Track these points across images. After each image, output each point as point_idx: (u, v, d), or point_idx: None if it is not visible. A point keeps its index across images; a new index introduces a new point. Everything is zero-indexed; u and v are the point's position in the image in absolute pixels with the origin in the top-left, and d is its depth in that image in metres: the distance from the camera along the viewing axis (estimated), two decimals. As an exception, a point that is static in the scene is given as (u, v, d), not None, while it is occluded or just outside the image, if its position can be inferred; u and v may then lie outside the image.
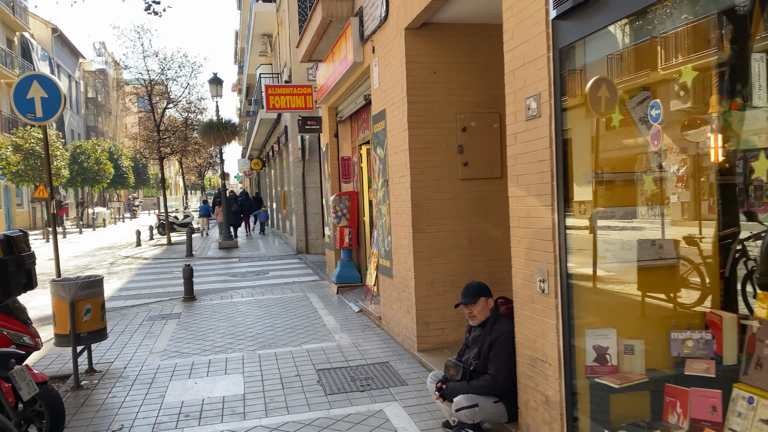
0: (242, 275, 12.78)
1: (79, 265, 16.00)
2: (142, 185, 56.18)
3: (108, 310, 9.43)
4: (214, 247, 19.26)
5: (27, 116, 7.61)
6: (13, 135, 26.69)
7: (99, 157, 35.18)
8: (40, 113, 7.62)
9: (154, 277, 13.02)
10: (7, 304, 4.14)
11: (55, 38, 40.55)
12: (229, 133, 17.66)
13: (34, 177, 26.27)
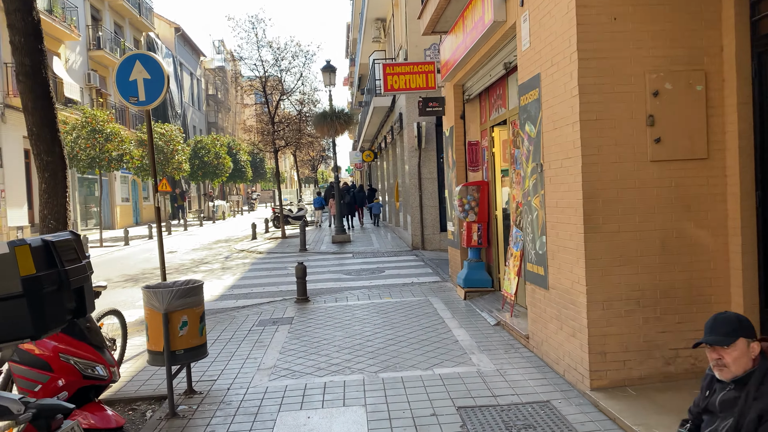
0: (356, 273, 11.82)
1: (195, 258, 15.86)
2: (259, 179, 57.79)
3: (218, 311, 8.76)
4: (327, 241, 18.62)
5: (130, 100, 6.95)
6: (137, 130, 27.72)
7: (218, 151, 36.11)
8: (143, 96, 6.94)
9: (267, 273, 12.40)
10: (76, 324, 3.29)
11: (178, 37, 42.24)
12: (343, 123, 16.86)
13: (157, 171, 27.11)
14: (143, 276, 12.87)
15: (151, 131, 7.18)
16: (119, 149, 20.42)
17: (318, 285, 10.60)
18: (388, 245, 16.70)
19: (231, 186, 54.25)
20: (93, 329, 3.34)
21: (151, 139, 7.15)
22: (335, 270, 12.42)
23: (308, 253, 15.73)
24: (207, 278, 12.08)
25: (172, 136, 27.36)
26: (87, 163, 19.68)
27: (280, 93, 20.22)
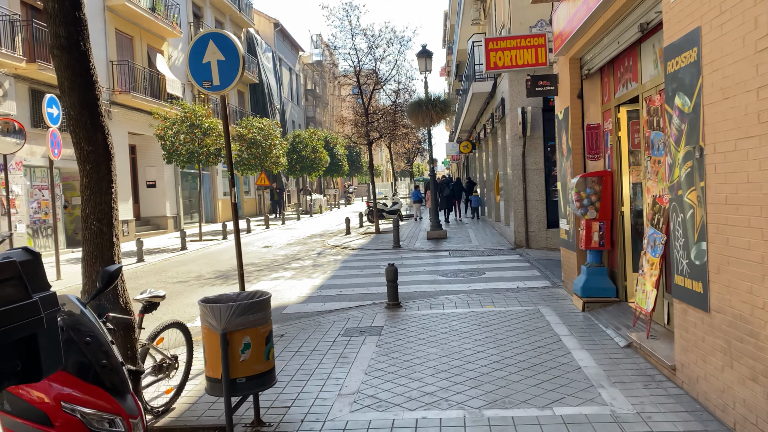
0: (453, 274, 10.77)
1: (288, 254, 15.42)
2: (356, 172, 57.87)
3: (304, 315, 8.03)
4: (422, 237, 17.66)
5: (203, 85, 6.29)
6: (237, 125, 28.03)
7: (315, 145, 36.13)
8: (217, 80, 6.25)
9: (358, 272, 11.63)
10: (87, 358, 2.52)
11: (277, 33, 42.74)
12: (439, 111, 15.81)
13: (255, 165, 27.30)
14: (234, 272, 12.50)
15: (226, 119, 6.49)
16: (217, 144, 20.49)
17: (411, 288, 9.66)
18: (488, 242, 15.48)
19: (328, 180, 54.62)
20: (112, 366, 2.56)
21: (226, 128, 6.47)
22: (430, 270, 11.44)
23: (401, 250, 14.85)
24: (297, 276, 11.49)
25: (270, 130, 27.43)
26: (186, 158, 19.89)
27: (374, 82, 19.47)
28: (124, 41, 22.26)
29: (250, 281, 11.19)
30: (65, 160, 17.99)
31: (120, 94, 20.97)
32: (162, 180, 24.50)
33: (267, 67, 38.65)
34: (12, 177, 15.72)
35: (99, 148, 3.94)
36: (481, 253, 13.51)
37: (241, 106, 35.37)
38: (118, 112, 21.27)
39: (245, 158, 27.06)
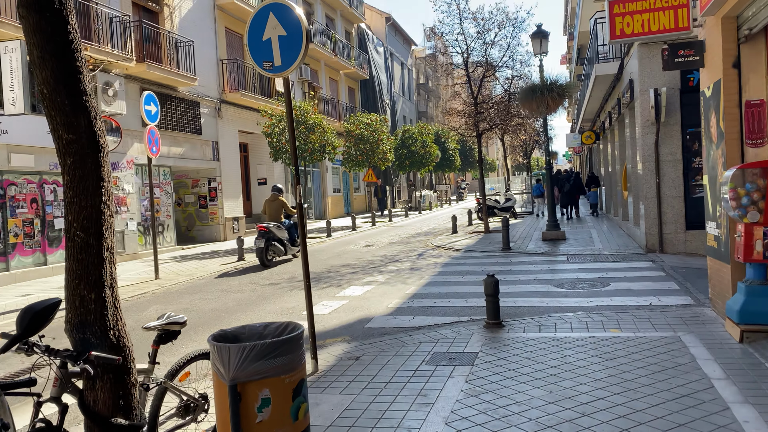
0: (570, 285, 9.22)
1: (387, 255, 14.48)
2: (469, 167, 56.19)
3: (387, 332, 6.97)
4: (537, 237, 16.01)
5: (264, 66, 5.40)
6: (345, 121, 27.65)
7: (425, 140, 35.09)
8: (278, 60, 5.35)
9: (458, 279, 10.39)
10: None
11: (389, 27, 42.15)
12: (555, 96, 14.12)
13: (362, 162, 26.75)
14: (327, 274, 11.73)
15: (290, 104, 5.56)
16: (321, 140, 20.04)
17: (518, 301, 8.28)
18: (613, 245, 13.60)
19: (440, 175, 53.44)
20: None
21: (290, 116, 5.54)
22: (543, 279, 9.94)
23: (511, 253, 13.38)
24: (391, 281, 10.47)
25: (377, 126, 26.76)
26: (291, 154, 19.60)
27: (484, 69, 18.01)
28: (234, 40, 22.43)
29: (341, 286, 10.32)
30: (175, 158, 18.25)
31: (230, 92, 21.10)
32: (272, 177, 24.56)
33: (378, 63, 38.14)
34: (123, 175, 16.07)
35: (82, 137, 3.08)
36: (605, 258, 11.75)
37: (351, 102, 35.09)
38: (229, 110, 21.43)
39: (352, 155, 26.61)
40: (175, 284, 11.61)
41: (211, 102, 20.39)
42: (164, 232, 17.96)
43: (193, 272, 13.06)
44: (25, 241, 13.19)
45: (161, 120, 17.58)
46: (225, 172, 20.95)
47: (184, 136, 18.79)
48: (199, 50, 19.55)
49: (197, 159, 19.56)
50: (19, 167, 12.93)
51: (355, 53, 34.76)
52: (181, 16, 18.96)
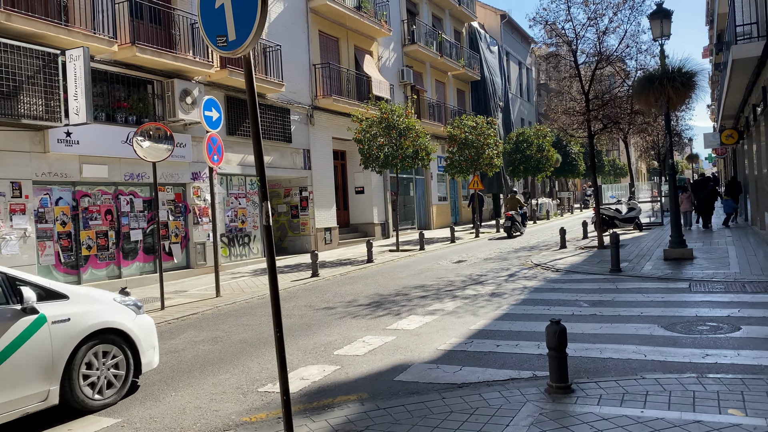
0: (685, 327, 7.01)
1: (473, 274, 12.71)
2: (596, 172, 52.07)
3: (420, 389, 5.42)
4: (658, 255, 13.42)
5: (218, 43, 4.09)
6: (449, 125, 26.00)
7: (541, 143, 32.50)
8: (233, 34, 4.00)
9: (542, 311, 8.48)
10: None
11: (504, 25, 39.90)
12: (679, 86, 11.60)
13: (466, 168, 24.95)
14: (392, 298, 10.25)
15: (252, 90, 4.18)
16: (414, 145, 18.60)
17: (606, 348, 6.29)
18: (755, 269, 10.84)
19: (563, 181, 49.94)
20: None
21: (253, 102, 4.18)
22: (650, 315, 7.77)
23: (620, 276, 11.09)
24: (459, 311, 8.78)
25: (483, 129, 24.84)
26: (382, 162, 18.34)
27: (597, 60, 15.62)
28: (329, 43, 21.68)
29: (400, 314, 8.79)
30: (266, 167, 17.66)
31: (322, 98, 20.33)
32: (370, 186, 23.53)
33: (491, 63, 36.06)
34: (205, 185, 15.66)
35: None
36: (742, 288, 9.21)
37: (460, 105, 33.34)
38: (322, 116, 20.67)
39: (456, 160, 24.90)
40: (232, 304, 10.71)
41: (303, 108, 19.70)
42: (251, 243, 17.42)
43: (259, 289, 12.15)
44: (99, 253, 13.01)
45: (248, 128, 17.09)
46: (317, 181, 20.17)
47: (272, 144, 18.20)
48: (289, 55, 18.93)
49: (286, 168, 18.91)
50: (92, 178, 12.76)
51: (464, 54, 33.01)
52: (271, 20, 18.43)
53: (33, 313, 5.12)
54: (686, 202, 21.73)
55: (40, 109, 11.10)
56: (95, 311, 5.62)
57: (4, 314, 4.98)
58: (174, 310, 10.24)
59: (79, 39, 11.81)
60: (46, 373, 5.14)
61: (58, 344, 5.24)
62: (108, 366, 5.64)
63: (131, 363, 5.83)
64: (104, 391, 5.59)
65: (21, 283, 5.19)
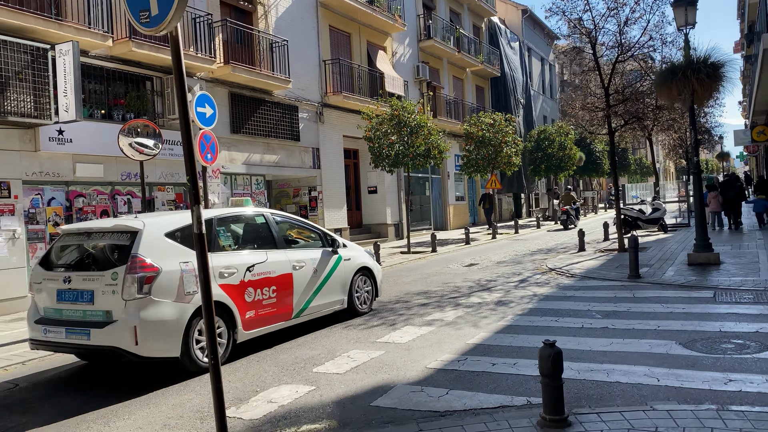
0: (707, 344, 6.23)
1: (482, 279, 12.00)
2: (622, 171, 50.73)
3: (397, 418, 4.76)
4: (682, 259, 12.54)
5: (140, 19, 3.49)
6: (466, 122, 25.25)
7: (563, 141, 31.52)
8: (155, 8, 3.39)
9: (549, 323, 7.76)
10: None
11: (526, 20, 38.91)
12: (704, 78, 10.74)
13: (484, 167, 24.17)
14: (391, 306, 9.61)
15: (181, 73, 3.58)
16: (426, 143, 17.92)
17: (614, 370, 5.56)
18: (789, 275, 9.95)
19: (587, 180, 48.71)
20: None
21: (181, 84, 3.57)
22: (667, 329, 6.99)
23: (638, 283, 10.28)
24: (459, 322, 8.10)
25: (501, 126, 24.04)
26: (393, 161, 17.69)
27: (618, 53, 14.76)
28: (340, 39, 21.10)
29: (395, 325, 8.15)
30: (268, 166, 17.17)
31: (333, 95, 19.75)
32: (383, 185, 22.89)
33: (511, 59, 35.14)
34: (209, 185, 15.18)
35: None
36: (772, 298, 8.38)
37: (479, 102, 32.50)
38: (332, 114, 20.10)
39: (473, 159, 24.15)
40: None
41: (311, 106, 19.14)
42: (255, 244, 16.90)
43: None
44: (95, 255, 12.58)
45: (253, 126, 16.60)
46: (326, 181, 19.60)
47: (279, 142, 17.68)
48: (297, 51, 18.39)
49: (294, 167, 18.38)
50: (86, 178, 12.35)
51: (484, 49, 32.16)
52: (278, 15, 17.91)
53: (335, 254, 8.61)
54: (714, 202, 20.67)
55: (30, 107, 10.72)
56: (359, 256, 9.23)
57: (328, 253, 8.47)
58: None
59: (70, 33, 11.40)
60: (342, 289, 8.69)
61: (346, 273, 8.76)
62: (365, 289, 9.21)
63: (373, 289, 9.42)
64: (364, 303, 9.18)
65: (331, 238, 8.83)
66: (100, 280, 6.04)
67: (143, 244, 6.08)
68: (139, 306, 5.90)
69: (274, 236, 7.77)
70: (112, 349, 5.96)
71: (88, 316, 6.08)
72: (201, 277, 3.46)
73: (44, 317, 6.39)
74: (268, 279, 7.28)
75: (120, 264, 6.03)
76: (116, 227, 6.42)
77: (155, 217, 7.10)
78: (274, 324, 7.40)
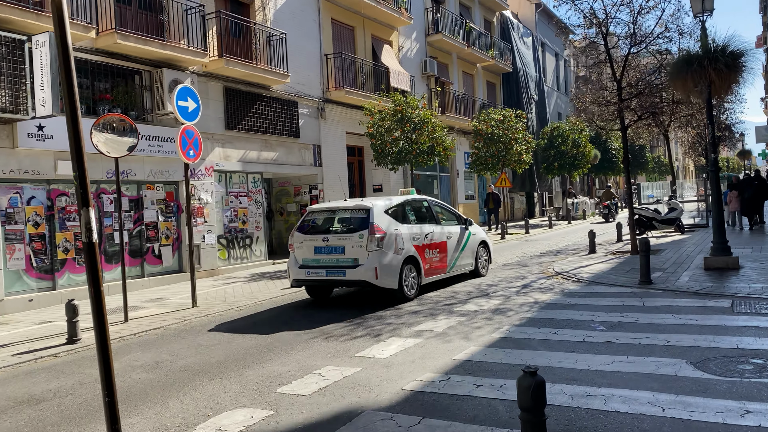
0: (721, 365, 5.48)
1: (482, 285, 11.29)
2: (639, 170, 49.54)
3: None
4: (699, 263, 11.73)
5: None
6: (475, 119, 24.49)
7: (577, 138, 30.63)
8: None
9: (547, 334, 7.05)
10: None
11: (539, 14, 37.96)
12: (722, 68, 9.93)
13: (493, 165, 23.41)
14: (383, 311, 8.95)
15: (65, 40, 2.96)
16: (430, 139, 17.22)
17: (612, 396, 4.84)
18: (815, 282, 9.12)
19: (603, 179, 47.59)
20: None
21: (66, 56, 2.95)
22: (677, 346, 6.25)
23: (649, 290, 9.51)
24: (449, 333, 7.42)
25: (511, 122, 23.26)
26: (395, 158, 17.02)
27: (630, 44, 13.94)
28: (343, 33, 20.46)
29: (380, 336, 7.49)
30: (266, 164, 16.60)
31: (335, 90, 19.13)
32: (388, 183, 22.20)
33: (524, 54, 34.26)
34: (200, 183, 14.65)
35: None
36: (797, 308, 7.58)
37: (490, 98, 31.68)
38: (334, 110, 19.47)
39: (482, 156, 23.41)
40: (204, 317, 9.59)
41: (312, 101, 18.53)
42: (252, 245, 16.34)
43: (245, 298, 11.03)
44: (78, 256, 12.09)
45: (250, 122, 16.03)
46: (328, 179, 18.98)
47: (278, 139, 17.09)
48: (298, 44, 17.79)
49: (294, 164, 17.77)
50: (70, 176, 11.81)
51: (495, 44, 31.34)
52: (277, 7, 17.31)
53: (467, 230, 11.54)
54: (735, 201, 19.79)
55: (5, 101, 10.22)
56: (480, 233, 12.11)
57: (463, 229, 11.45)
58: (137, 323, 9.17)
59: (49, 24, 10.86)
60: (472, 255, 11.67)
61: (473, 244, 11.74)
62: (484, 257, 12.18)
63: (489, 258, 12.57)
64: (484, 268, 12.24)
65: (464, 218, 11.80)
66: (351, 239, 9.36)
67: (375, 216, 9.44)
68: (377, 255, 9.24)
69: (434, 215, 11.14)
70: (362, 281, 9.33)
71: (341, 262, 9.43)
72: (91, 291, 2.82)
73: (304, 265, 9.72)
74: (435, 244, 10.60)
75: (362, 229, 9.32)
76: (356, 206, 9.83)
77: (376, 200, 10.16)
78: (438, 275, 10.76)
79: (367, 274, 9.14)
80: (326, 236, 9.57)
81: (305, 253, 9.71)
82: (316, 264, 9.59)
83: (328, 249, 9.50)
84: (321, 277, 9.50)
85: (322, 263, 9.54)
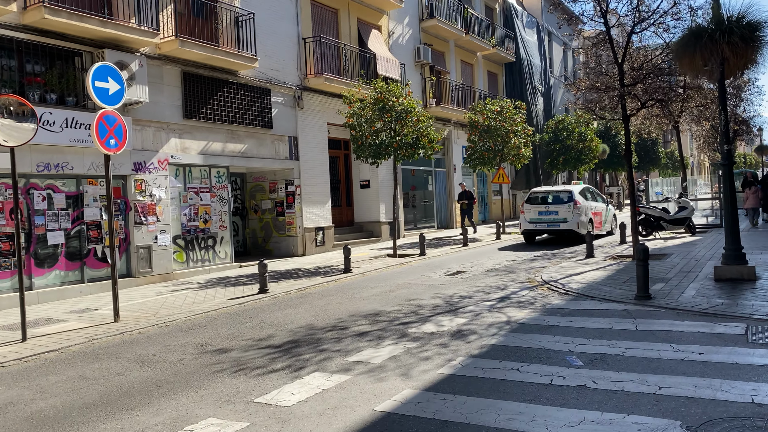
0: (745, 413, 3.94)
1: (454, 295, 9.75)
2: (650, 165, 47.61)
3: None
4: (709, 272, 10.10)
5: None
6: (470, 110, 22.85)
7: (584, 132, 28.88)
8: None
9: (508, 372, 5.51)
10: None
11: (545, 1, 36.15)
12: (737, 41, 8.30)
13: (490, 159, 21.80)
14: (318, 336, 7.46)
15: None
16: (415, 131, 15.65)
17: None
18: None
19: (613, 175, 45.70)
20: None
21: None
22: (673, 394, 4.69)
23: (647, 307, 7.93)
24: (386, 367, 5.91)
25: (509, 114, 21.62)
26: (374, 150, 15.47)
27: (633, 22, 12.30)
28: (325, 15, 18.93)
29: (301, 371, 5.99)
30: (232, 156, 15.14)
31: (314, 77, 17.62)
32: (376, 179, 20.70)
33: (528, 43, 32.51)
34: (152, 178, 13.23)
35: None
36: (829, 338, 5.98)
37: (492, 89, 29.98)
38: (313, 99, 17.97)
39: (478, 150, 21.81)
40: (119, 335, 8.16)
41: (287, 89, 17.03)
42: (216, 246, 14.90)
43: (179, 310, 9.59)
44: (2, 260, 10.71)
45: (213, 111, 14.59)
46: (306, 174, 17.50)
47: (246, 130, 15.62)
48: (271, 26, 16.31)
49: (265, 158, 16.29)
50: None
51: (497, 32, 29.65)
52: (248, -14, 15.81)
53: (608, 206, 19.23)
54: (753, 198, 18.13)
55: None
56: (610, 208, 19.41)
57: (605, 206, 19.02)
58: (34, 343, 7.75)
59: (-43, -5, 9.48)
60: (610, 223, 19.27)
61: (610, 215, 19.20)
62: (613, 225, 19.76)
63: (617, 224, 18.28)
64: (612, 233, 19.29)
65: (606, 199, 19.88)
66: (562, 207, 16.67)
67: (575, 195, 16.84)
68: (577, 216, 16.51)
69: (594, 196, 18.22)
70: (570, 231, 16.62)
71: (556, 220, 16.71)
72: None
73: (531, 220, 17.20)
74: (597, 213, 17.80)
75: (569, 202, 16.69)
76: (564, 190, 17.34)
77: (572, 187, 17.66)
78: (598, 230, 17.76)
79: (572, 225, 16.45)
80: (546, 206, 16.96)
81: (532, 215, 17.15)
82: (539, 221, 17.02)
83: (547, 212, 16.89)
84: (543, 227, 17.09)
85: (544, 220, 16.93)
